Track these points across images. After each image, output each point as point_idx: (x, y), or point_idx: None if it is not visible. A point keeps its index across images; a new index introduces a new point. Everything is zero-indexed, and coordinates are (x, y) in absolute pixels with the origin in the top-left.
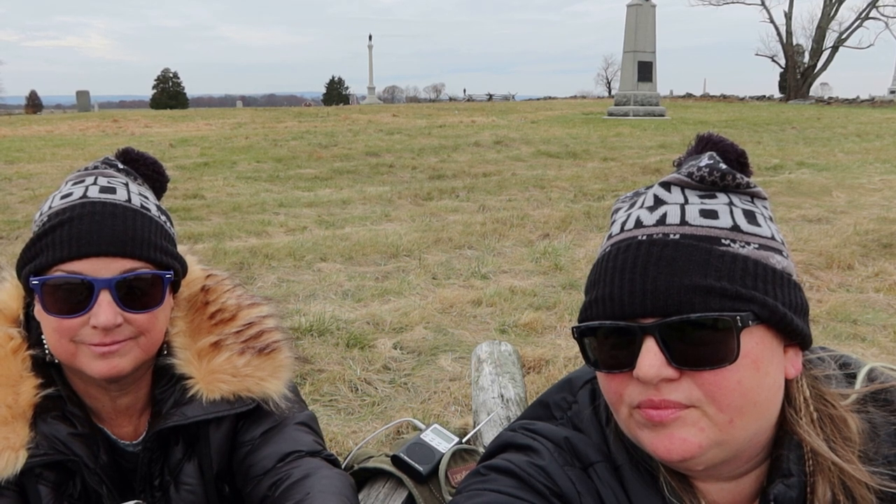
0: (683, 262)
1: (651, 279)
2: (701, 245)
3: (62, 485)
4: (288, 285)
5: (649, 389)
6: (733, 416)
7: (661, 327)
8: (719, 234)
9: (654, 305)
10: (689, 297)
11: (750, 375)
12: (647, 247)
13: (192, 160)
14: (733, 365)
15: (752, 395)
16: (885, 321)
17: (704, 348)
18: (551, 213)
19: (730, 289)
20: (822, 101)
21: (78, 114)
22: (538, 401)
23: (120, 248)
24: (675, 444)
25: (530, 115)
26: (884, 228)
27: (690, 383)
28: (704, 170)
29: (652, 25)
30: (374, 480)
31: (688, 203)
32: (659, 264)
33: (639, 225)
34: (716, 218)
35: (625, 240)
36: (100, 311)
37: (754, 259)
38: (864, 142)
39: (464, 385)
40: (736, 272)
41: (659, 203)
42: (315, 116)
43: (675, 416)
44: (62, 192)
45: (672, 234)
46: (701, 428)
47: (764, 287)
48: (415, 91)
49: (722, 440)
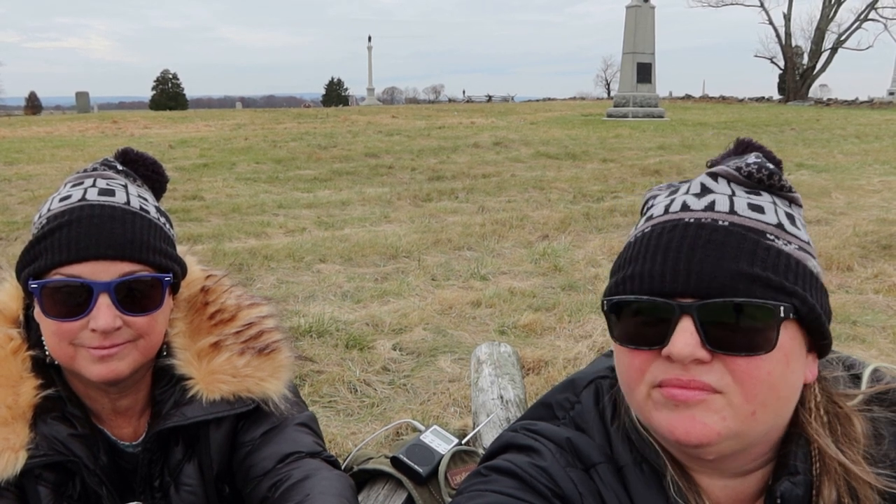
0: (732, 248)
1: (697, 260)
2: (749, 235)
3: (62, 486)
4: (287, 286)
5: (676, 369)
6: (756, 408)
7: (700, 308)
8: (766, 228)
9: (697, 286)
10: (735, 282)
11: (780, 369)
12: (696, 229)
13: (192, 161)
14: (767, 355)
15: (778, 388)
16: (885, 322)
17: (743, 334)
18: (550, 214)
19: (775, 280)
20: (822, 102)
21: (77, 115)
22: (540, 401)
23: (119, 251)
24: (696, 428)
25: (529, 116)
26: (883, 230)
27: (722, 368)
28: (753, 166)
29: (651, 27)
30: (374, 482)
31: (735, 195)
32: (707, 247)
33: (685, 208)
34: (763, 213)
35: (670, 220)
36: (99, 315)
37: (796, 258)
38: (863, 143)
39: (463, 386)
40: (780, 266)
41: (706, 191)
42: (314, 118)
43: (700, 399)
44: (61, 194)
45: (721, 221)
46: (723, 416)
47: (804, 285)
48: (414, 92)
49: (740, 431)
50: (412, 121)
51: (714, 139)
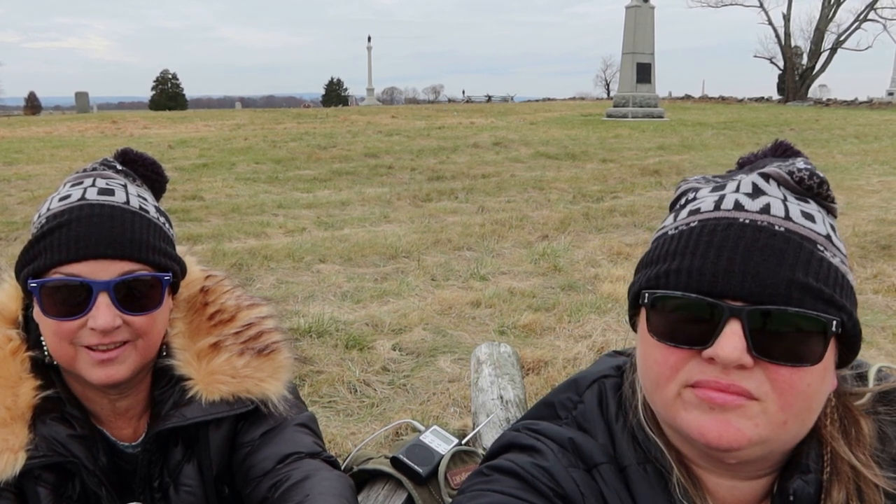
0: (790, 256)
1: (754, 263)
2: (806, 245)
3: (61, 486)
4: (287, 286)
5: (716, 371)
6: (789, 418)
7: (751, 312)
8: (816, 238)
9: (750, 290)
10: (790, 290)
11: (818, 381)
12: (753, 231)
13: (191, 161)
14: (811, 368)
15: (813, 400)
16: (884, 322)
17: (790, 344)
18: (550, 214)
19: (827, 292)
20: (821, 102)
21: (77, 115)
22: (543, 401)
23: (118, 250)
24: (730, 432)
25: (529, 116)
26: (882, 230)
27: (762, 376)
28: (805, 172)
29: (651, 27)
30: (374, 482)
31: (787, 200)
32: (765, 251)
33: (739, 207)
34: (814, 222)
35: (724, 219)
36: (98, 314)
37: (842, 271)
38: (862, 143)
39: (463, 386)
40: (831, 278)
41: (759, 192)
42: (314, 118)
43: (738, 404)
44: (60, 193)
45: (778, 226)
46: (756, 423)
47: (849, 300)
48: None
49: (769, 438)
50: (412, 121)
51: (713, 139)
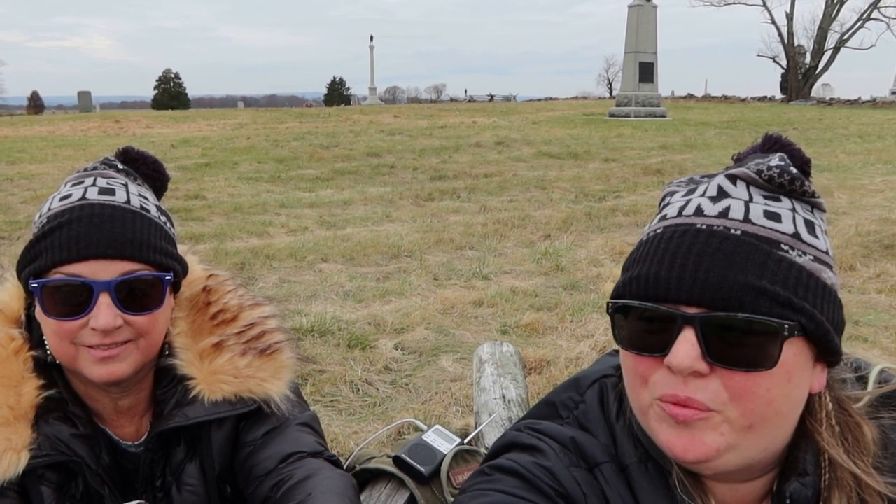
0: (741, 260)
1: (704, 269)
2: (761, 246)
3: (64, 485)
4: (289, 286)
5: (676, 382)
6: (754, 423)
7: (703, 319)
8: (780, 238)
9: (701, 296)
10: (741, 295)
11: (780, 385)
12: (706, 237)
13: (194, 161)
14: (768, 372)
15: (777, 404)
16: (887, 322)
17: (744, 349)
18: (552, 213)
19: (783, 295)
20: (824, 101)
21: (79, 114)
22: (544, 400)
23: (119, 250)
24: (695, 446)
25: (531, 115)
26: (885, 229)
27: (719, 383)
28: (775, 170)
29: (653, 26)
30: (376, 481)
31: (752, 201)
32: (715, 256)
33: (699, 213)
34: (779, 221)
35: (682, 224)
36: (99, 314)
37: (808, 270)
38: (865, 143)
39: (465, 386)
40: (790, 280)
41: (723, 195)
42: (316, 117)
43: (698, 417)
44: (61, 193)
45: (734, 230)
46: (721, 432)
47: (814, 300)
48: (416, 92)
49: (738, 444)
50: (414, 120)
51: (716, 139)
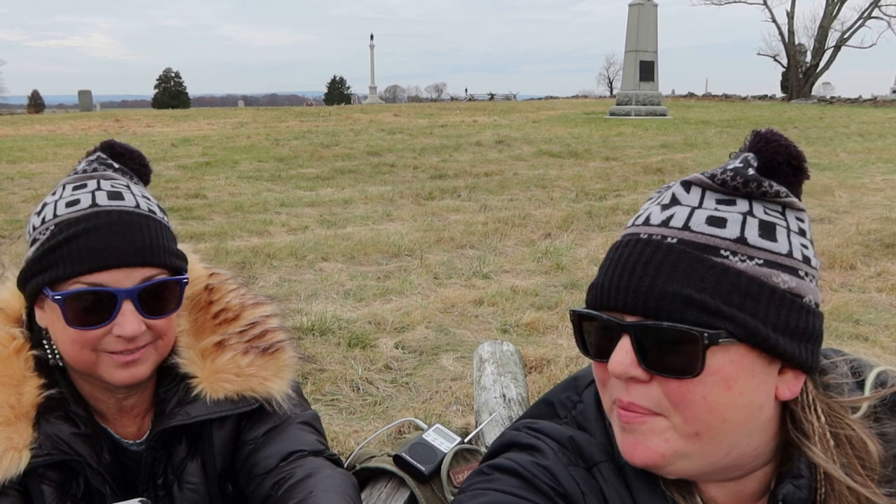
0: (669, 269)
1: (637, 278)
2: (693, 253)
3: (65, 484)
4: (290, 285)
5: (622, 387)
6: (699, 430)
7: (636, 327)
8: (720, 244)
9: (633, 305)
10: (667, 303)
11: (718, 392)
12: (643, 246)
13: (194, 160)
14: (698, 379)
15: (719, 412)
16: (888, 321)
17: (672, 357)
18: (553, 212)
19: (710, 303)
20: (825, 100)
21: (80, 113)
22: (542, 399)
23: (140, 257)
24: (639, 450)
25: (532, 114)
26: (886, 228)
27: (659, 390)
28: (728, 173)
29: (654, 25)
30: (377, 480)
31: (700, 207)
32: (647, 266)
33: (646, 222)
34: (722, 227)
35: (630, 234)
36: (125, 322)
37: (751, 275)
38: (866, 141)
39: (465, 385)
40: (722, 287)
41: (673, 203)
42: (317, 116)
43: (641, 421)
44: (65, 198)
45: (670, 238)
46: (666, 439)
47: (752, 306)
48: (416, 90)
49: (689, 452)
50: (414, 119)
51: (717, 137)
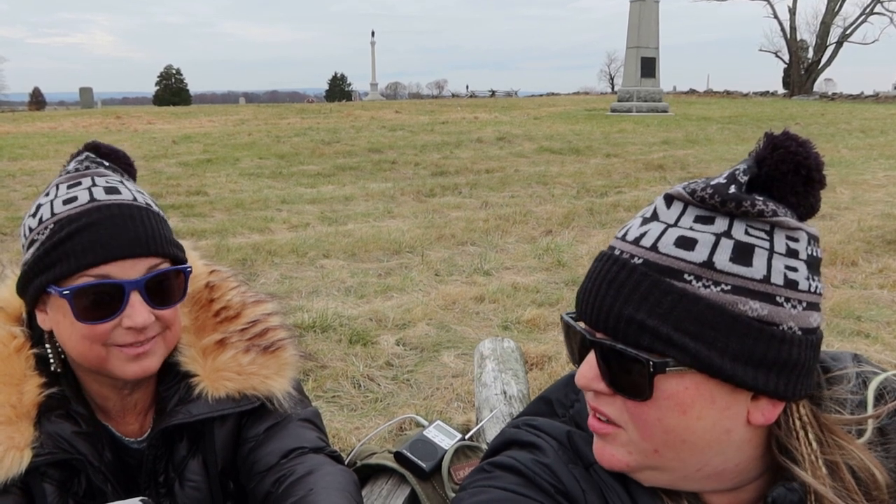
0: (628, 291)
1: (601, 297)
2: (654, 277)
3: (67, 483)
4: (291, 282)
5: (591, 394)
6: (658, 447)
7: (600, 345)
8: (684, 267)
9: (595, 321)
10: (623, 326)
11: (674, 416)
12: (611, 264)
13: (195, 157)
14: (651, 402)
15: (676, 434)
16: (890, 318)
17: (626, 377)
18: (554, 209)
19: (662, 330)
20: (826, 96)
21: (81, 111)
22: (540, 397)
23: (143, 247)
24: (605, 456)
25: (533, 111)
26: (888, 225)
27: (621, 404)
28: (708, 190)
29: (655, 21)
30: (377, 477)
31: (675, 225)
32: (612, 285)
33: (623, 237)
34: (689, 250)
35: (609, 247)
36: (134, 312)
37: (711, 302)
38: (868, 138)
39: (466, 381)
40: (677, 313)
41: (652, 218)
42: (317, 113)
43: (605, 431)
44: (61, 196)
45: (636, 259)
46: (629, 451)
47: (709, 334)
48: (417, 87)
49: (654, 465)
50: (415, 116)
51: (718, 134)
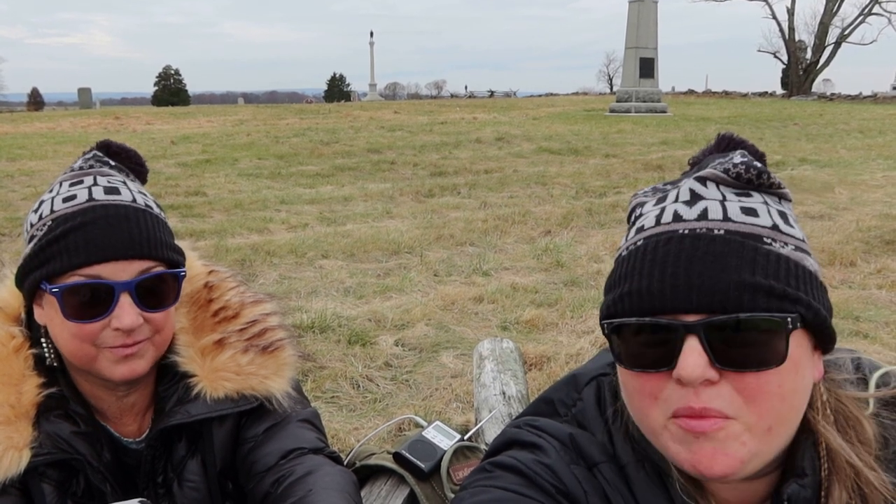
0: (732, 258)
1: (697, 274)
2: (747, 242)
3: (66, 483)
4: (289, 282)
5: (689, 394)
6: (772, 424)
7: (705, 325)
8: (762, 232)
9: (699, 301)
10: (738, 294)
11: (791, 379)
12: (692, 241)
13: (194, 157)
14: (778, 368)
15: (790, 398)
16: (888, 318)
17: (751, 349)
18: (553, 209)
19: (777, 287)
20: (825, 97)
21: (80, 111)
22: (542, 397)
23: (137, 250)
24: (718, 459)
25: (532, 111)
26: (886, 225)
27: (730, 388)
28: (741, 167)
29: (654, 21)
30: (376, 477)
31: (727, 200)
32: (705, 259)
33: (678, 218)
34: (757, 216)
35: (664, 233)
36: (122, 314)
37: (794, 260)
38: (866, 138)
39: (465, 382)
40: (781, 271)
41: (697, 198)
42: (316, 113)
43: (718, 428)
44: (62, 194)
45: (717, 230)
46: (743, 442)
47: (806, 288)
48: (416, 88)
49: (761, 451)
50: (414, 116)
51: (717, 134)
